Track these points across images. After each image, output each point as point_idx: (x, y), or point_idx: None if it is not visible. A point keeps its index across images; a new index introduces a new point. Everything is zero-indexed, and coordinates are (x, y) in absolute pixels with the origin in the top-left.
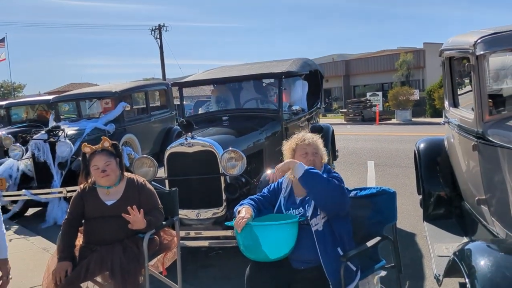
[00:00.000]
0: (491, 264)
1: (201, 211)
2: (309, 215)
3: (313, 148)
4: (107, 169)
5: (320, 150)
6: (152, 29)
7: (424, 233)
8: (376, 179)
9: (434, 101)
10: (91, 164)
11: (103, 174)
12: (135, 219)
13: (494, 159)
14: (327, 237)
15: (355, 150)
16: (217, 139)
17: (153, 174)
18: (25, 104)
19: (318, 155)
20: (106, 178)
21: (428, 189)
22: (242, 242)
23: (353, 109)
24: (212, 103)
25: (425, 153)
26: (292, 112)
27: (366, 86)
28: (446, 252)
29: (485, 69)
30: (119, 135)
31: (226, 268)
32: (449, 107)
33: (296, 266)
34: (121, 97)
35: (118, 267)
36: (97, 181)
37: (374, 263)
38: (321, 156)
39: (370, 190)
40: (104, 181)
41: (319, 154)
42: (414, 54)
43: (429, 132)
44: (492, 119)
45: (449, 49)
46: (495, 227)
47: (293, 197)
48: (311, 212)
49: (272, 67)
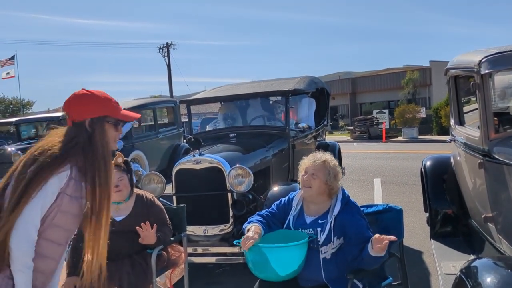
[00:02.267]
0: (497, 281)
1: (208, 227)
2: (321, 241)
3: (313, 169)
4: (120, 184)
5: (324, 173)
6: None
7: (431, 251)
8: (383, 197)
9: (440, 118)
10: None
11: (116, 189)
12: (147, 234)
13: (500, 177)
14: (333, 265)
15: (362, 167)
16: (224, 156)
17: (161, 190)
18: (35, 121)
19: (317, 178)
20: (118, 193)
21: (435, 207)
22: (250, 260)
23: (359, 127)
24: (220, 120)
25: (432, 171)
26: (299, 129)
27: (373, 103)
28: (453, 270)
29: (490, 87)
30: (127, 152)
31: (233, 285)
32: (455, 125)
33: (303, 284)
34: None
35: (127, 282)
36: None
37: (381, 280)
38: (324, 181)
39: (377, 207)
40: (116, 196)
41: (318, 177)
42: (420, 72)
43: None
44: (498, 137)
45: (454, 68)
46: (502, 245)
47: (303, 216)
48: (324, 239)
49: (279, 85)
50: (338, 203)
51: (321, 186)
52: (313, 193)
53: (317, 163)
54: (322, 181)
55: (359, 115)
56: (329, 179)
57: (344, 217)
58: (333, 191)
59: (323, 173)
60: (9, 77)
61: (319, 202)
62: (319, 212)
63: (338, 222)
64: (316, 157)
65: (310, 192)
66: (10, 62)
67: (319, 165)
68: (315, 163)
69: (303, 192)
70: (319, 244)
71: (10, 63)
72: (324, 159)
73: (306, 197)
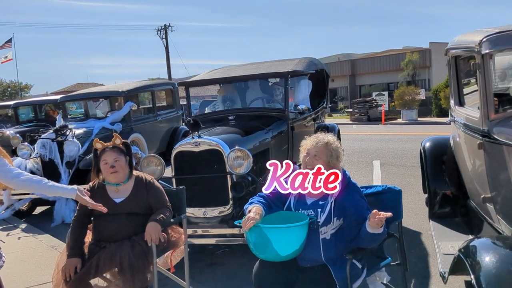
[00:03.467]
0: (496, 260)
1: (207, 209)
2: (320, 221)
3: (315, 150)
4: (115, 165)
5: (326, 155)
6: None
7: (429, 231)
8: (382, 179)
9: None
10: (101, 159)
11: (111, 169)
12: (149, 230)
13: (500, 157)
14: (333, 246)
15: (361, 149)
16: (223, 138)
17: (160, 172)
18: (33, 104)
19: (320, 159)
20: (114, 174)
21: (433, 187)
22: (252, 241)
23: (358, 109)
24: (218, 102)
25: (431, 152)
26: (298, 111)
27: (372, 85)
28: (451, 250)
29: (491, 67)
30: (126, 135)
31: (233, 266)
32: (455, 106)
33: (303, 264)
34: (128, 97)
35: (127, 264)
36: (106, 178)
37: (380, 260)
38: (326, 162)
39: (376, 188)
40: (112, 178)
41: (321, 158)
42: (420, 53)
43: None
44: (498, 117)
45: (454, 48)
46: (500, 225)
47: (304, 197)
48: (323, 220)
49: (278, 66)
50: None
51: (323, 167)
52: None
53: (319, 145)
54: (324, 162)
55: (358, 97)
56: (331, 160)
57: (344, 198)
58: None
59: (325, 155)
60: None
61: None
62: (320, 193)
63: (339, 203)
64: (319, 139)
65: None
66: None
67: (322, 147)
68: (318, 144)
69: None
70: (319, 224)
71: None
72: (327, 140)
73: None
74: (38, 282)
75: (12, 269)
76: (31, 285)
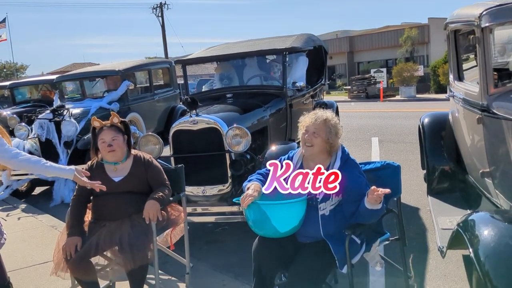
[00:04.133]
0: (494, 234)
1: (206, 187)
2: (319, 198)
3: (314, 127)
4: (113, 144)
5: (326, 131)
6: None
7: (428, 207)
8: (380, 155)
9: (438, 77)
10: (99, 138)
11: (109, 148)
12: (147, 208)
13: (499, 132)
14: (332, 222)
15: (359, 127)
16: (221, 116)
17: (158, 151)
18: (30, 84)
19: (319, 137)
20: (112, 153)
21: (432, 163)
22: (250, 218)
23: (357, 86)
24: (216, 80)
25: (430, 128)
26: (296, 88)
27: (370, 62)
28: (450, 225)
29: (491, 41)
30: (123, 114)
31: (232, 243)
32: (454, 80)
33: (302, 240)
34: (125, 76)
35: (127, 242)
36: (104, 156)
37: (379, 236)
38: (325, 139)
39: (375, 164)
40: (110, 156)
41: (320, 135)
42: (419, 29)
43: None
44: (497, 91)
45: (454, 22)
46: (499, 200)
47: None
48: (322, 196)
49: (276, 43)
50: (337, 160)
51: (322, 144)
52: (314, 151)
53: (318, 121)
54: (323, 139)
55: (357, 74)
56: (330, 137)
57: (343, 174)
58: (333, 148)
59: (324, 132)
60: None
61: (319, 161)
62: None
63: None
64: (317, 115)
65: (311, 150)
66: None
67: (321, 123)
68: (317, 121)
69: (304, 151)
70: (318, 201)
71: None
72: (326, 117)
73: (307, 155)
74: (39, 261)
75: (13, 249)
76: (32, 264)
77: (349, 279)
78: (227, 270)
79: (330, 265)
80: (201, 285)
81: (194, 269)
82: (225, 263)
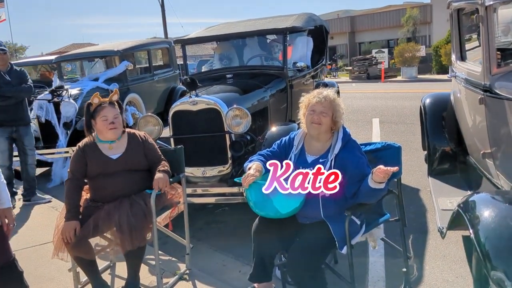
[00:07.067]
0: (495, 215)
1: (206, 169)
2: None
3: (322, 107)
4: (115, 122)
5: (333, 111)
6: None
7: (428, 188)
8: (381, 136)
9: (440, 57)
10: (100, 115)
11: (111, 125)
12: (157, 180)
13: (501, 112)
14: (332, 203)
15: (360, 108)
16: (221, 97)
17: (158, 132)
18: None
19: (328, 116)
20: (113, 130)
21: (433, 144)
22: (252, 199)
23: (358, 67)
24: (216, 60)
25: (431, 108)
26: (297, 69)
27: (372, 43)
28: (450, 206)
29: (494, 20)
30: (122, 95)
31: (232, 224)
32: (456, 60)
33: (302, 221)
34: (124, 56)
35: (126, 223)
36: (103, 134)
37: (379, 216)
38: (332, 118)
39: (376, 145)
40: (111, 134)
41: (328, 115)
42: (421, 9)
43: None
44: (500, 71)
45: (457, 1)
46: (499, 180)
47: (304, 155)
48: None
49: (277, 22)
50: (339, 141)
51: (329, 123)
52: (322, 130)
53: (326, 101)
54: (331, 119)
55: (358, 55)
56: (337, 115)
57: (344, 155)
58: (336, 126)
59: (331, 110)
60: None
61: (323, 140)
62: (320, 151)
63: (339, 160)
64: (323, 95)
65: (319, 129)
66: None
67: (328, 103)
68: (325, 101)
69: (311, 130)
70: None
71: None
72: (332, 97)
73: (314, 134)
74: (39, 241)
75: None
76: (33, 244)
77: (349, 259)
78: (227, 250)
79: (329, 246)
80: (201, 266)
81: (194, 250)
82: (225, 244)
